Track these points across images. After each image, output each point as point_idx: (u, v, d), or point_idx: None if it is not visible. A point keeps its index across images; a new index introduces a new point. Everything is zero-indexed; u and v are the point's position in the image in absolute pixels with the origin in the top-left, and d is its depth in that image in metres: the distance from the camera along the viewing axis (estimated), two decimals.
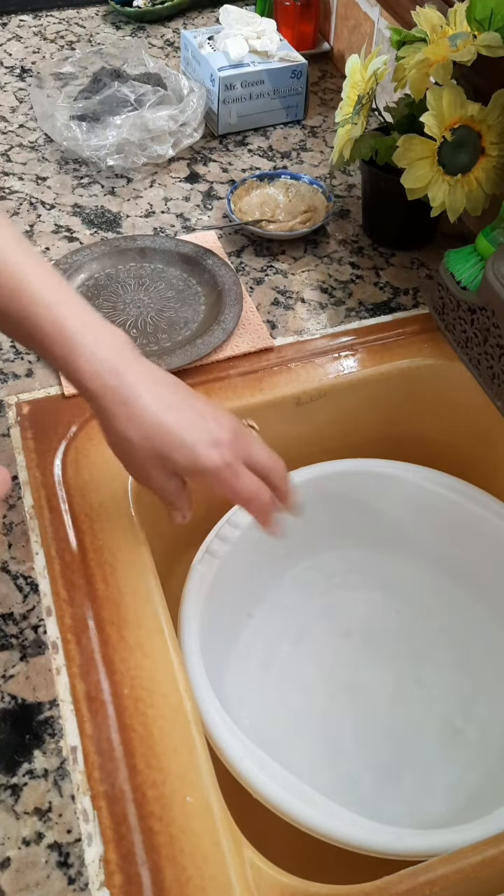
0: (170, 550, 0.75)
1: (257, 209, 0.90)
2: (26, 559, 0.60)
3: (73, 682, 0.54)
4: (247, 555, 0.69)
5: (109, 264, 0.82)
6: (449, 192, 0.74)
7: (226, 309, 0.77)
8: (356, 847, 0.51)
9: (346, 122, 0.80)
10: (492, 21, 0.72)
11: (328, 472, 0.74)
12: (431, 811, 0.65)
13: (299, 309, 0.80)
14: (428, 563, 0.78)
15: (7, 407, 0.70)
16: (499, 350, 0.67)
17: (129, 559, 0.60)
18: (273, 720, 0.69)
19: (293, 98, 1.02)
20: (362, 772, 0.68)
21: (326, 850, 0.52)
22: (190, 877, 0.47)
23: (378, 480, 0.75)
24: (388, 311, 0.80)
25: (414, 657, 0.75)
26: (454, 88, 0.72)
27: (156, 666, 0.55)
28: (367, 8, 1.01)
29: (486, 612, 0.75)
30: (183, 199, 0.92)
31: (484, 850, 0.49)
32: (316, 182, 0.91)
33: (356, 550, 0.79)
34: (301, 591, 0.77)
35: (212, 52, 1.00)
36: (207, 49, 1.00)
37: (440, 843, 0.51)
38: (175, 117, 0.93)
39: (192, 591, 0.63)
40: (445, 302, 0.73)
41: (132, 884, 0.46)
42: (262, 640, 0.73)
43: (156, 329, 0.76)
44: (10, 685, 0.54)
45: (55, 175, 0.94)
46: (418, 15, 0.76)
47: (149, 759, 0.51)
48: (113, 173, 0.95)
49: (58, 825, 0.49)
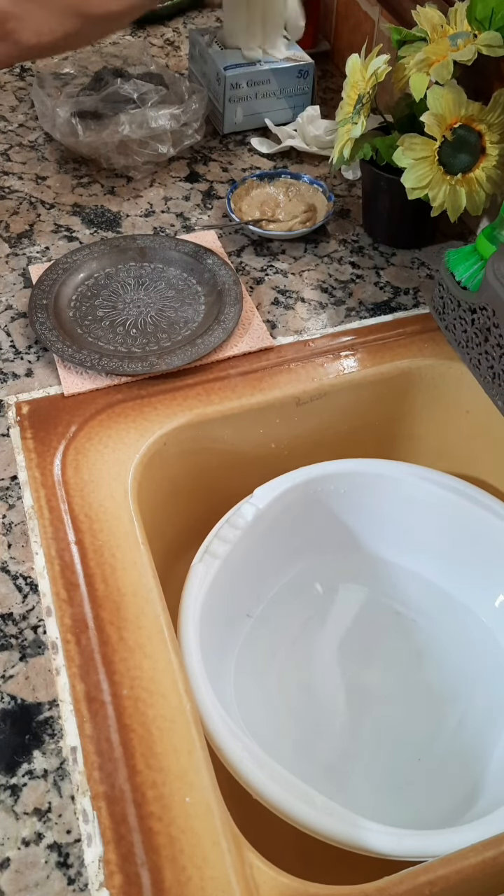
0: (170, 550, 0.75)
1: (257, 209, 0.90)
2: (26, 559, 0.60)
3: (73, 682, 0.54)
4: (247, 555, 0.69)
5: (109, 264, 0.82)
6: (449, 192, 0.74)
7: (226, 309, 0.77)
8: (356, 848, 0.51)
9: (346, 121, 0.80)
10: (492, 20, 0.72)
11: (328, 472, 0.73)
12: (431, 812, 0.65)
13: (299, 309, 0.80)
14: (428, 563, 0.78)
15: (7, 407, 0.70)
16: (499, 350, 0.67)
17: (129, 559, 0.60)
18: (273, 720, 0.69)
19: (299, 98, 1.02)
20: (362, 772, 0.67)
21: (326, 850, 0.52)
22: (190, 877, 0.47)
23: (378, 480, 0.75)
24: (389, 310, 0.80)
25: (414, 657, 0.75)
26: (454, 88, 0.71)
27: (156, 666, 0.55)
28: (367, 7, 1.01)
29: (486, 613, 0.75)
30: (183, 199, 0.92)
31: (484, 850, 0.49)
32: (316, 182, 0.91)
33: (356, 550, 0.79)
34: (301, 592, 0.77)
35: (219, 50, 1.00)
36: (215, 47, 1.00)
37: (440, 844, 0.51)
38: (177, 117, 0.93)
39: (192, 591, 0.63)
40: (446, 302, 0.73)
41: (132, 884, 0.46)
42: (262, 640, 0.73)
43: (156, 329, 0.76)
44: (9, 685, 0.54)
45: (55, 174, 0.94)
46: (418, 14, 0.76)
47: (148, 759, 0.51)
48: (113, 173, 0.95)
49: (57, 825, 0.49)
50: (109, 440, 0.67)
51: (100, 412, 0.69)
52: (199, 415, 0.70)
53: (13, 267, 0.82)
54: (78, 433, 0.68)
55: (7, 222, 0.87)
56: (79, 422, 0.69)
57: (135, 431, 0.68)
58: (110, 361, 0.72)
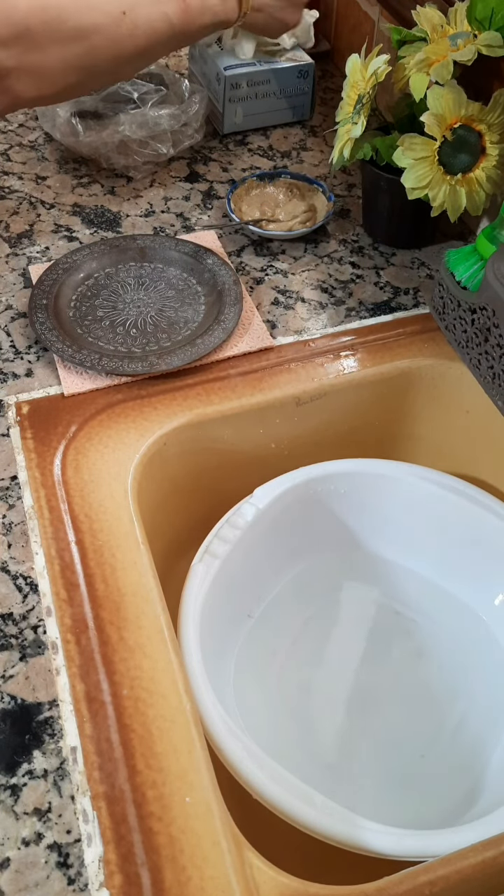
0: (170, 550, 0.75)
1: (257, 209, 0.90)
2: (26, 559, 0.60)
3: (73, 682, 0.54)
4: (247, 555, 0.69)
5: (109, 264, 0.82)
6: (449, 192, 0.74)
7: (226, 309, 0.77)
8: (356, 848, 0.51)
9: (346, 121, 0.80)
10: (492, 20, 0.72)
11: (328, 472, 0.73)
12: (431, 812, 0.65)
13: (299, 309, 0.80)
14: (428, 562, 0.78)
15: (7, 407, 0.70)
16: (499, 350, 0.67)
17: (129, 559, 0.60)
18: (273, 720, 0.69)
19: (299, 98, 1.02)
20: (362, 772, 0.68)
21: (326, 851, 0.52)
22: (190, 877, 0.47)
23: (378, 480, 0.75)
24: (389, 310, 0.80)
25: (414, 657, 0.75)
26: (454, 88, 0.71)
27: (155, 666, 0.55)
28: (367, 7, 1.01)
29: (486, 612, 0.75)
30: (183, 199, 0.92)
31: (484, 850, 0.49)
32: (316, 182, 0.91)
33: (356, 550, 0.79)
34: (301, 592, 0.77)
35: (219, 50, 1.00)
36: (215, 48, 1.00)
37: (440, 844, 0.51)
38: (177, 117, 0.93)
39: (192, 591, 0.63)
40: (446, 302, 0.73)
41: (132, 884, 0.46)
42: (262, 640, 0.73)
43: (156, 329, 0.76)
44: (9, 685, 0.54)
45: (55, 174, 0.94)
46: (418, 14, 0.76)
47: (148, 759, 0.51)
48: (113, 173, 0.95)
49: (57, 825, 0.49)
50: (109, 440, 0.67)
51: (100, 412, 0.69)
52: (199, 415, 0.70)
53: (13, 267, 0.82)
54: (78, 433, 0.68)
55: (7, 222, 0.87)
56: (79, 422, 0.69)
57: (135, 431, 0.68)
58: (110, 361, 0.72)
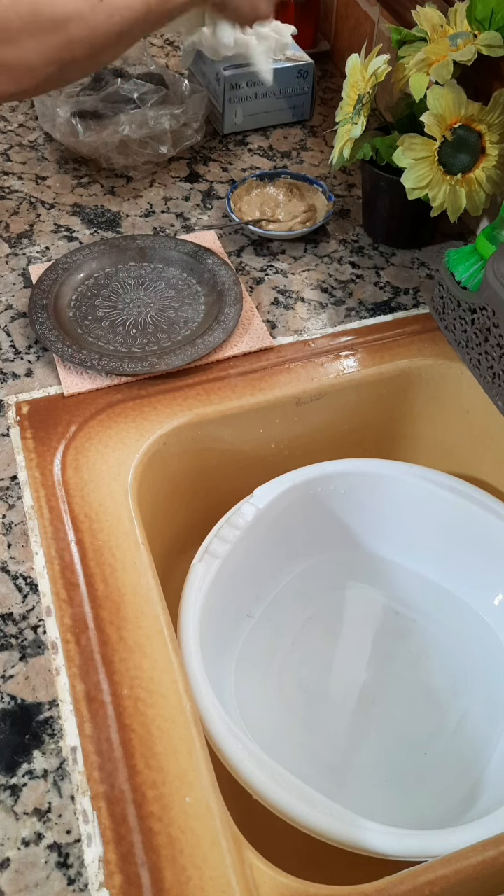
0: (170, 550, 0.75)
1: (257, 209, 0.90)
2: (26, 559, 0.60)
3: (73, 682, 0.54)
4: (247, 555, 0.69)
5: (109, 264, 0.82)
6: (449, 192, 0.74)
7: (226, 309, 0.77)
8: (356, 848, 0.51)
9: (346, 121, 0.80)
10: (492, 20, 0.72)
11: (328, 472, 0.73)
12: (431, 812, 0.65)
13: (299, 309, 0.80)
14: (428, 563, 0.78)
15: (7, 407, 0.70)
16: (499, 350, 0.67)
17: (129, 559, 0.60)
18: (273, 720, 0.69)
19: (299, 98, 1.02)
20: (362, 772, 0.67)
21: (326, 850, 0.52)
22: (190, 877, 0.47)
23: (378, 480, 0.75)
24: (389, 310, 0.80)
25: (414, 657, 0.75)
26: (454, 88, 0.71)
27: (155, 666, 0.55)
28: (367, 7, 1.01)
29: (486, 611, 0.75)
30: (183, 199, 0.92)
31: (484, 850, 0.49)
32: (316, 182, 0.91)
33: (356, 550, 0.79)
34: (301, 592, 0.77)
35: None
36: None
37: (440, 844, 0.51)
38: (177, 117, 0.93)
39: (192, 591, 0.63)
40: (445, 302, 0.73)
41: (132, 884, 0.46)
42: (262, 640, 0.73)
43: (156, 329, 0.76)
44: (9, 685, 0.54)
45: (55, 174, 0.94)
46: (418, 14, 0.76)
47: (148, 759, 0.51)
48: (113, 173, 0.95)
49: (57, 826, 0.49)
50: (109, 440, 0.67)
51: (100, 412, 0.69)
52: (199, 415, 0.70)
53: (13, 267, 0.82)
54: (78, 433, 0.68)
55: (7, 222, 0.87)
56: (79, 422, 0.69)
57: (135, 431, 0.68)
58: (110, 361, 0.72)
